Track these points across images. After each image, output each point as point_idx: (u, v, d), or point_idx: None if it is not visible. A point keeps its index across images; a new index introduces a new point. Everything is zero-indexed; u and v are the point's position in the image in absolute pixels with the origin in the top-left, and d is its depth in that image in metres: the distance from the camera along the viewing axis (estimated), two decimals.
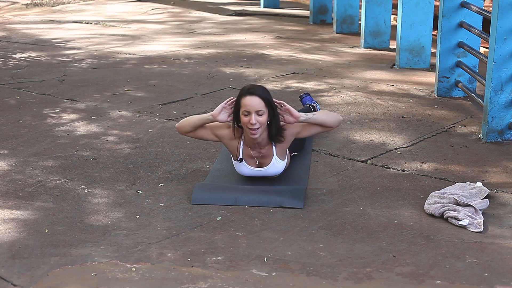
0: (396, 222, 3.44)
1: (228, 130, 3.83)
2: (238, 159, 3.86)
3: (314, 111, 4.84)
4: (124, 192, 3.82)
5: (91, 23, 10.41)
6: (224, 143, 3.93)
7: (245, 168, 3.88)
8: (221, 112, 3.78)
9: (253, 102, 3.64)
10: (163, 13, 11.62)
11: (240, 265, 3.00)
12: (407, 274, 2.93)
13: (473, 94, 5.38)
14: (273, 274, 2.93)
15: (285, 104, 3.74)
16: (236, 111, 3.73)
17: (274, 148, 3.83)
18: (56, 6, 12.67)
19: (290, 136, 3.82)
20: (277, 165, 3.87)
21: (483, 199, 3.62)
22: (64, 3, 13.04)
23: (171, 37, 9.15)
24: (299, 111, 4.77)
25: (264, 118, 3.67)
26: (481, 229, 3.33)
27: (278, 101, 3.76)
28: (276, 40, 8.81)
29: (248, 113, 3.65)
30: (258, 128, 3.67)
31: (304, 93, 5.09)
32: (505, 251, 3.14)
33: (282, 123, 3.78)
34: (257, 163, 3.87)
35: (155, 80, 6.52)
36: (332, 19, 9.55)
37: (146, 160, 4.32)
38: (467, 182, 3.85)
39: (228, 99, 3.80)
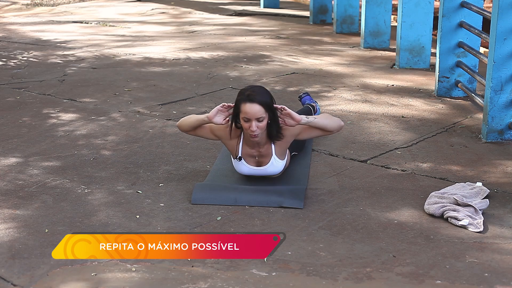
0: (396, 222, 3.44)
1: (227, 130, 3.83)
2: (237, 157, 3.86)
3: (314, 110, 4.84)
4: (124, 192, 3.82)
5: (91, 23, 10.41)
6: (223, 142, 3.94)
7: (244, 167, 3.89)
8: (217, 115, 3.77)
9: (253, 109, 3.62)
10: (163, 13, 11.62)
11: (240, 265, 3.00)
12: (407, 274, 2.93)
13: (473, 94, 5.39)
14: (273, 274, 2.94)
15: (286, 108, 3.72)
16: (236, 113, 3.73)
17: (273, 147, 3.83)
18: (56, 6, 12.67)
19: (289, 136, 3.82)
20: (276, 164, 3.87)
21: (483, 199, 3.63)
22: (64, 3, 13.04)
23: (171, 37, 9.15)
24: (299, 111, 4.79)
25: (264, 123, 3.67)
26: (481, 229, 3.34)
27: (279, 106, 3.73)
28: (276, 40, 8.82)
29: (248, 120, 3.65)
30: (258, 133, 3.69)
31: (304, 93, 5.09)
32: (505, 251, 3.14)
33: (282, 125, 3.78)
34: (256, 160, 3.87)
35: (155, 80, 6.53)
36: (332, 19, 9.56)
37: (146, 160, 4.32)
38: (467, 182, 3.85)
39: (223, 103, 3.79)
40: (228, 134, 3.82)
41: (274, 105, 3.72)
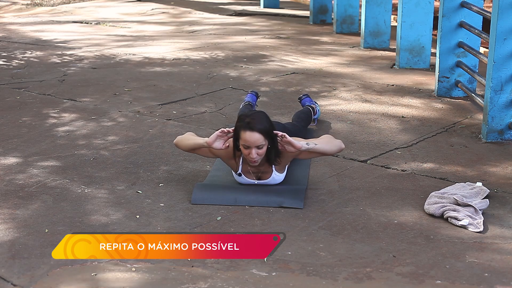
0: (396, 222, 3.44)
1: (226, 150, 3.79)
2: (237, 173, 3.84)
3: (314, 112, 4.85)
4: (124, 192, 3.82)
5: (91, 24, 10.41)
6: (223, 161, 3.92)
7: (245, 181, 3.86)
8: (216, 140, 3.71)
9: (253, 138, 3.58)
10: (163, 13, 11.62)
11: (240, 265, 3.00)
12: (407, 274, 2.93)
13: (473, 94, 5.39)
14: (273, 274, 2.94)
15: (286, 136, 3.64)
16: (236, 138, 3.68)
17: (273, 166, 3.81)
18: (56, 6, 12.67)
19: (289, 157, 3.79)
20: (276, 178, 3.83)
21: (483, 199, 3.63)
22: (64, 3, 13.04)
23: (171, 37, 9.15)
24: (298, 112, 4.79)
25: (264, 150, 3.63)
26: (481, 229, 3.34)
27: (279, 133, 3.67)
28: (276, 40, 8.82)
29: (248, 147, 3.62)
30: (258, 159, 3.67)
31: (303, 94, 5.10)
32: (505, 251, 3.14)
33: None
34: (256, 175, 3.84)
35: (155, 80, 6.53)
36: (332, 19, 9.56)
37: (146, 160, 4.32)
38: (467, 182, 3.85)
39: (221, 129, 3.73)
40: (231, 155, 3.78)
41: (274, 131, 3.67)
